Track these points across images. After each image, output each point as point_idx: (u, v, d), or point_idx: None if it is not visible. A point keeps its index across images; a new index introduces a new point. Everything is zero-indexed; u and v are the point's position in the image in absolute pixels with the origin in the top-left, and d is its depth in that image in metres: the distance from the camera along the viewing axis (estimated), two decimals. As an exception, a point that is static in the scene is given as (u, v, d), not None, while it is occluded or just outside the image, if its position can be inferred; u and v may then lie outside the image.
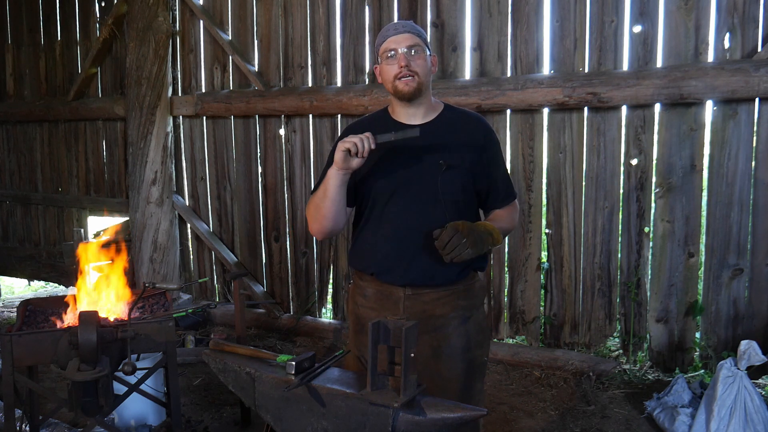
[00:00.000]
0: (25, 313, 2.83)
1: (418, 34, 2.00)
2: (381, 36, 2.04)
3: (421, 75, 1.97)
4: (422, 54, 1.99)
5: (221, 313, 5.03)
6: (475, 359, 2.08)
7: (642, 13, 3.59)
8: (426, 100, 2.05)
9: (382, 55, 2.02)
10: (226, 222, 5.12)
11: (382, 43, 2.02)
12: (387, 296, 2.03)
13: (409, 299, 2.01)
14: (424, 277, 1.99)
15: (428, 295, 2.01)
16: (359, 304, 2.12)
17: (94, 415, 2.37)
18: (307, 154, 4.70)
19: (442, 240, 1.84)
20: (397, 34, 1.98)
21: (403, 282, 2.00)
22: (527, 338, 4.11)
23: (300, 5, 4.58)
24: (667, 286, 3.68)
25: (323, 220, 2.00)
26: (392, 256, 2.00)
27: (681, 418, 3.03)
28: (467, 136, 2.05)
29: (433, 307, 2.01)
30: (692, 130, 3.55)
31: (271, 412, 1.85)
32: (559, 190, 3.91)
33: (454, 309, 2.03)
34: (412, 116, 2.05)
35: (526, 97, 3.79)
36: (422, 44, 2.00)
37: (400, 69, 1.95)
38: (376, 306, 2.05)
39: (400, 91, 1.98)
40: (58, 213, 6.11)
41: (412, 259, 1.99)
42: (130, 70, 4.95)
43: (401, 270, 1.99)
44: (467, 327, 2.05)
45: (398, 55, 1.97)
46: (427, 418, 1.60)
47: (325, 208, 1.97)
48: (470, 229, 1.87)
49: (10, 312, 5.59)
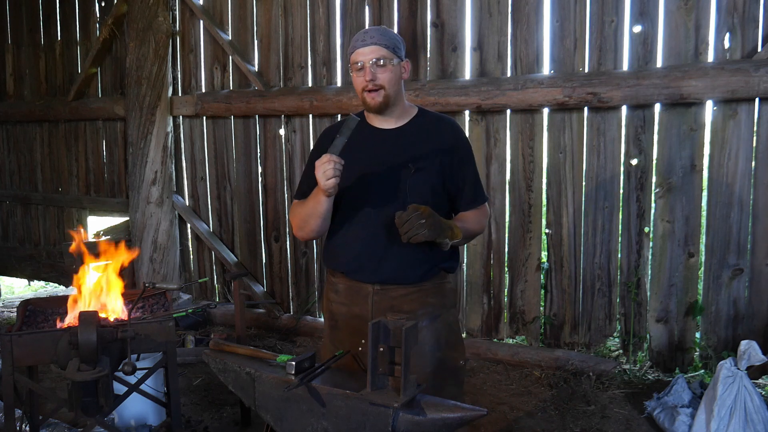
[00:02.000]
0: (25, 313, 2.83)
1: (386, 45, 2.01)
2: (351, 46, 2.07)
3: (387, 87, 2.01)
4: (389, 65, 2.01)
5: (221, 313, 5.03)
6: (447, 360, 2.09)
7: (642, 13, 3.59)
8: (397, 107, 2.10)
9: (351, 65, 2.07)
10: (226, 222, 5.12)
11: (351, 53, 2.06)
12: (356, 291, 2.09)
13: (377, 294, 2.06)
14: (394, 276, 2.05)
15: (396, 291, 2.06)
16: (332, 300, 2.18)
17: (94, 415, 2.37)
18: (307, 154, 4.67)
19: (402, 218, 1.88)
20: (364, 46, 2.01)
21: (373, 280, 2.06)
22: (527, 338, 4.11)
23: (300, 5, 4.58)
24: (667, 286, 3.68)
25: (311, 232, 2.08)
26: (363, 256, 2.06)
27: (681, 418, 3.03)
28: (438, 139, 2.09)
29: (401, 302, 2.05)
30: (692, 130, 3.55)
31: (271, 412, 1.85)
32: (559, 190, 3.91)
33: (423, 306, 2.07)
34: (385, 122, 2.12)
35: (526, 97, 3.79)
36: (389, 55, 2.01)
37: (366, 83, 2.01)
38: (347, 301, 2.12)
39: (367, 105, 2.06)
40: (58, 213, 6.11)
41: (382, 259, 2.04)
42: (130, 70, 4.95)
43: (371, 269, 2.05)
44: (436, 325, 2.08)
45: (365, 68, 2.01)
46: (427, 418, 1.60)
47: (315, 224, 2.05)
48: (431, 213, 1.90)
49: (10, 312, 5.59)
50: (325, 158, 1.88)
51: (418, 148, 2.06)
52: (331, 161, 1.87)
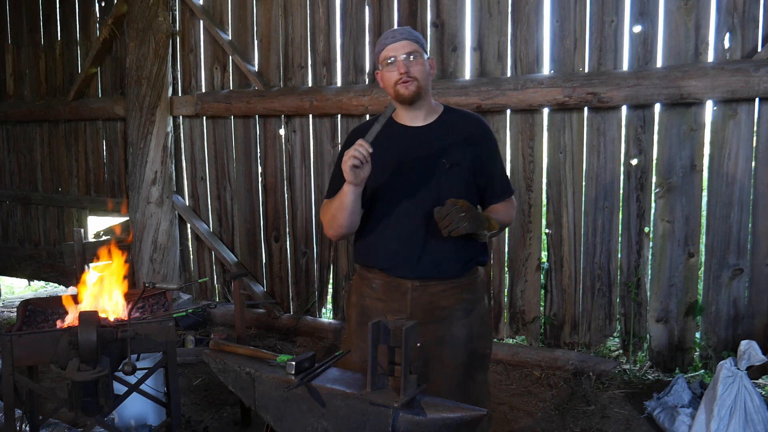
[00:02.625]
0: (25, 313, 2.83)
1: (416, 40, 2.10)
2: (380, 44, 2.14)
3: (420, 79, 2.08)
4: (420, 59, 2.09)
5: (221, 313, 5.03)
6: (477, 350, 2.18)
7: (642, 13, 3.59)
8: (426, 102, 2.16)
9: (382, 62, 2.13)
10: (226, 222, 5.12)
11: (381, 51, 2.13)
12: (395, 288, 2.13)
13: (416, 290, 2.11)
14: (432, 271, 2.10)
15: (435, 287, 2.11)
16: (366, 296, 2.20)
17: (94, 415, 2.37)
18: (307, 154, 4.70)
19: (441, 213, 1.94)
20: (395, 41, 2.09)
21: (413, 275, 2.10)
22: (527, 338, 4.11)
23: (300, 5, 4.58)
24: (667, 286, 3.68)
25: (339, 228, 2.12)
26: (401, 252, 2.11)
27: (681, 418, 3.03)
28: (467, 135, 2.16)
29: (439, 299, 2.11)
30: (692, 130, 3.55)
31: (271, 412, 1.85)
32: (559, 190, 3.91)
33: (459, 301, 2.13)
34: (414, 118, 2.16)
35: (526, 97, 3.79)
36: (420, 50, 2.10)
37: (399, 75, 2.07)
38: (384, 297, 2.15)
39: (401, 95, 2.09)
40: (58, 213, 6.11)
41: (421, 255, 2.09)
42: (130, 70, 4.95)
43: (410, 265, 2.10)
44: (470, 319, 2.15)
45: (397, 62, 2.08)
46: (427, 418, 1.60)
47: (343, 218, 2.08)
48: (469, 206, 1.97)
49: (10, 312, 5.59)
50: (357, 143, 1.93)
51: (449, 144, 2.13)
52: (360, 146, 1.92)
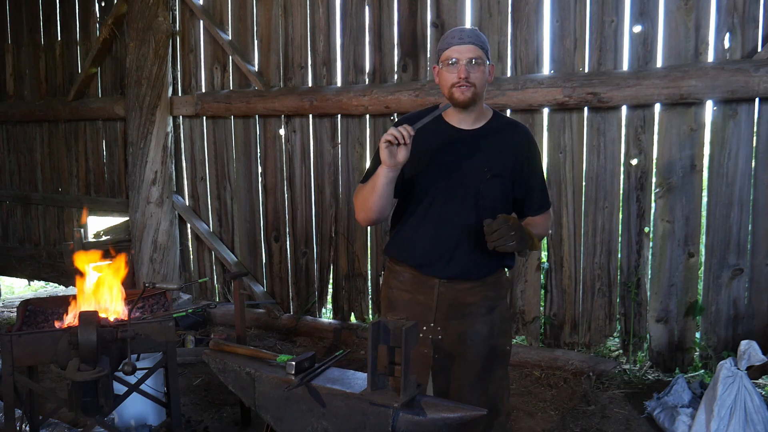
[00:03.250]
0: (25, 313, 2.83)
1: (482, 46, 2.08)
2: (445, 41, 2.11)
3: (478, 86, 2.07)
4: (482, 66, 2.08)
5: (221, 313, 5.03)
6: (498, 346, 2.21)
7: (642, 13, 3.59)
8: (478, 107, 2.15)
9: (443, 60, 2.10)
10: (226, 222, 5.12)
11: (446, 50, 2.09)
12: (423, 282, 2.17)
13: (443, 286, 2.15)
14: (461, 273, 2.14)
15: (462, 285, 2.15)
16: (393, 287, 2.24)
17: (94, 415, 2.37)
18: (307, 154, 4.70)
19: (492, 227, 1.95)
20: (462, 44, 2.06)
21: (441, 276, 2.14)
22: (527, 338, 4.11)
23: (300, 5, 4.58)
24: (667, 286, 3.68)
25: (369, 212, 2.11)
26: (432, 254, 2.13)
27: (681, 418, 3.03)
28: (512, 145, 2.17)
29: (464, 295, 2.15)
30: (692, 130, 3.56)
31: (271, 412, 1.85)
32: (559, 190, 3.91)
33: (483, 299, 2.17)
34: (463, 121, 2.16)
35: (526, 97, 3.79)
36: (484, 56, 2.08)
37: (459, 79, 2.05)
38: (411, 289, 2.19)
39: (455, 99, 2.08)
40: (58, 213, 6.11)
41: (451, 258, 2.12)
42: (130, 70, 4.95)
43: (441, 266, 2.13)
44: (492, 316, 2.19)
45: (459, 66, 2.05)
46: (427, 418, 1.60)
47: (373, 202, 2.07)
48: (519, 225, 2.00)
49: (10, 312, 5.59)
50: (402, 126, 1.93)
51: (493, 152, 2.13)
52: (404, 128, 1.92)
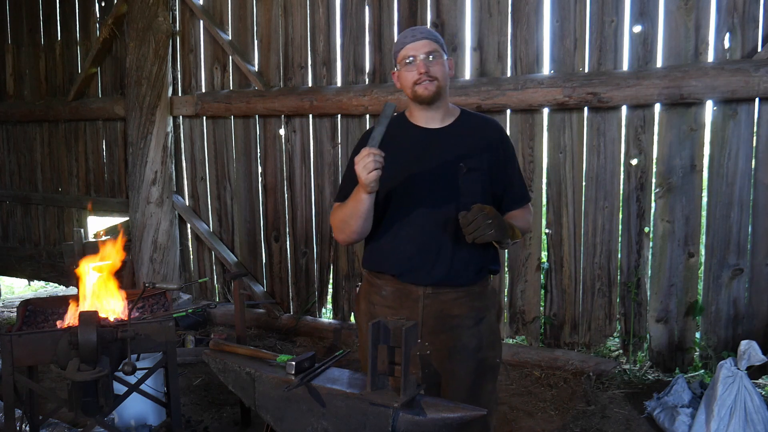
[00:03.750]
0: (25, 313, 2.83)
1: (435, 40, 2.05)
2: (399, 43, 2.08)
3: (440, 79, 2.03)
4: (440, 59, 2.04)
5: (221, 313, 5.03)
6: (487, 360, 2.12)
7: (642, 13, 3.59)
8: (444, 104, 2.10)
9: (400, 61, 2.06)
10: (226, 222, 5.12)
11: (400, 50, 2.06)
12: (406, 295, 2.07)
13: (428, 298, 2.04)
14: (447, 277, 2.04)
15: (447, 295, 2.05)
16: (375, 303, 2.13)
17: (94, 415, 2.37)
18: (307, 154, 4.70)
19: (467, 218, 1.87)
20: (416, 40, 2.03)
21: (426, 282, 2.04)
22: (527, 338, 4.11)
23: (300, 5, 4.58)
24: (667, 286, 3.68)
25: (353, 234, 2.04)
26: (417, 258, 2.04)
27: (681, 418, 3.03)
28: (485, 139, 2.10)
29: (450, 307, 2.05)
30: (692, 130, 3.55)
31: (271, 412, 1.85)
32: (559, 190, 3.91)
33: (470, 310, 2.08)
34: (431, 119, 2.10)
35: (526, 97, 3.79)
36: (440, 49, 2.05)
37: (419, 75, 2.01)
38: (394, 304, 2.08)
39: (420, 95, 2.03)
40: (58, 213, 6.11)
41: (435, 261, 2.03)
42: (130, 70, 4.95)
43: (425, 271, 2.03)
44: (480, 328, 2.10)
45: (417, 62, 2.02)
46: (427, 418, 1.60)
47: (355, 224, 2.00)
48: (496, 213, 1.91)
49: (10, 312, 5.59)
50: (365, 152, 1.83)
51: (466, 147, 2.07)
52: (371, 154, 1.82)
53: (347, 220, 2.01)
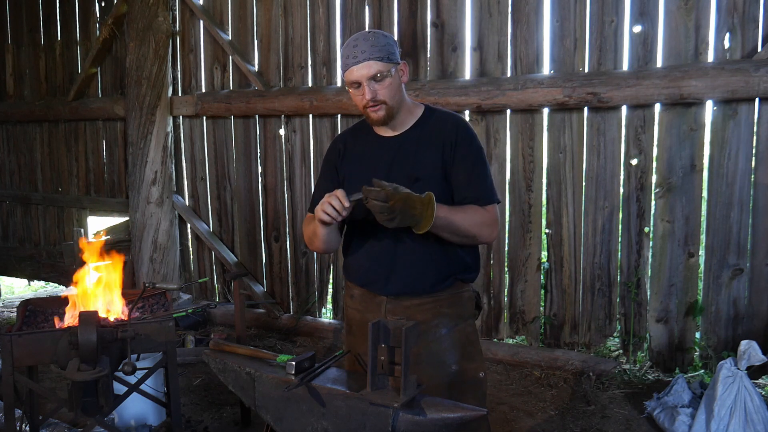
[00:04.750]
0: (25, 313, 2.83)
1: (379, 57, 1.90)
2: (343, 62, 1.96)
3: (389, 101, 1.95)
4: (387, 78, 1.92)
5: (221, 313, 5.03)
6: (466, 373, 2.02)
7: (642, 13, 3.59)
8: (401, 113, 2.03)
9: (347, 83, 1.97)
10: (226, 222, 5.12)
11: (345, 72, 1.96)
12: (370, 300, 2.09)
13: (390, 303, 2.04)
14: (404, 289, 2.02)
15: (409, 301, 2.02)
16: (348, 306, 2.21)
17: (94, 415, 2.37)
18: (307, 154, 4.70)
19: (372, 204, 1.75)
20: (357, 63, 1.91)
21: (385, 292, 2.04)
22: (527, 338, 4.11)
23: (300, 5, 4.58)
24: (667, 286, 3.68)
25: (318, 249, 2.12)
26: (372, 270, 2.05)
27: (681, 418, 3.03)
28: (439, 140, 2.01)
29: (414, 312, 2.00)
30: (692, 130, 3.55)
31: (271, 412, 1.85)
32: (559, 190, 3.91)
33: (437, 316, 2.01)
34: (389, 129, 2.06)
35: (526, 97, 3.79)
36: (384, 68, 1.91)
37: (366, 101, 1.94)
38: (361, 308, 2.13)
39: (372, 120, 2.00)
40: (58, 213, 6.11)
41: (391, 272, 2.01)
42: (130, 70, 4.95)
43: (381, 283, 2.04)
44: (452, 337, 2.02)
45: (362, 88, 1.93)
46: (427, 418, 1.60)
47: (318, 242, 2.06)
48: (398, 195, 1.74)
49: (10, 312, 5.59)
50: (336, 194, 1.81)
51: (418, 154, 1.99)
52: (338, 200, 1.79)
53: (312, 238, 2.08)
